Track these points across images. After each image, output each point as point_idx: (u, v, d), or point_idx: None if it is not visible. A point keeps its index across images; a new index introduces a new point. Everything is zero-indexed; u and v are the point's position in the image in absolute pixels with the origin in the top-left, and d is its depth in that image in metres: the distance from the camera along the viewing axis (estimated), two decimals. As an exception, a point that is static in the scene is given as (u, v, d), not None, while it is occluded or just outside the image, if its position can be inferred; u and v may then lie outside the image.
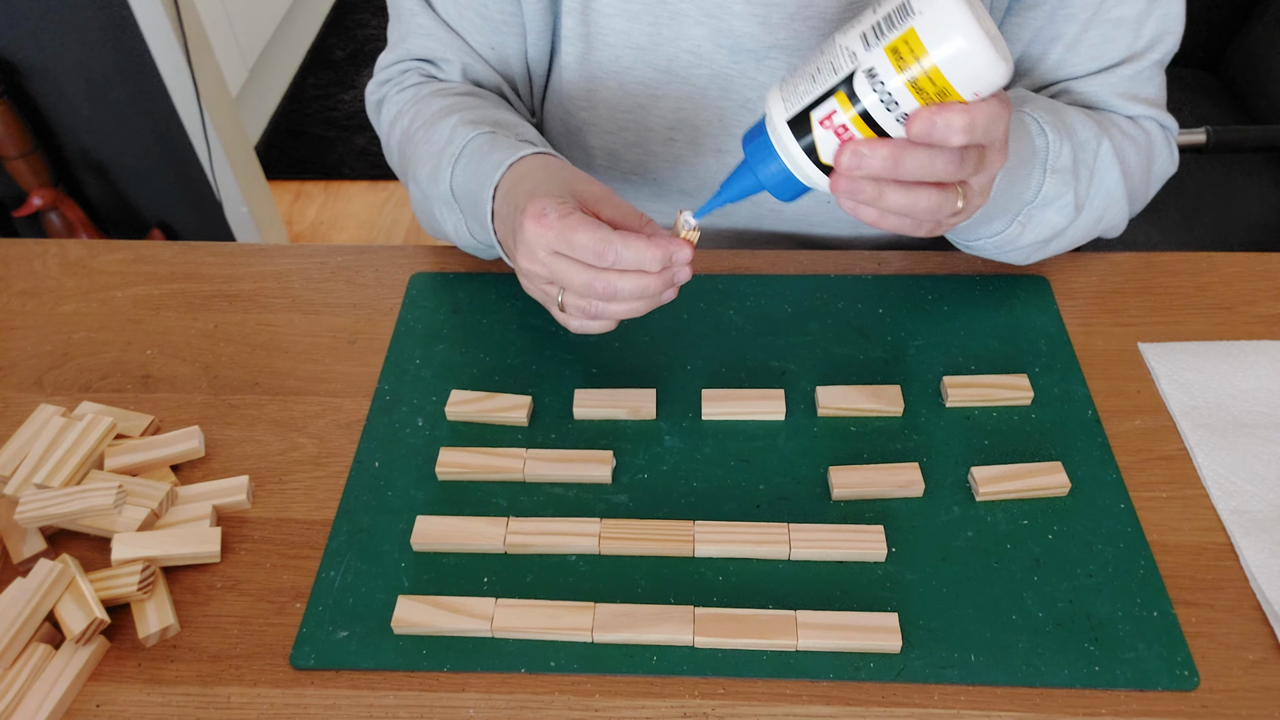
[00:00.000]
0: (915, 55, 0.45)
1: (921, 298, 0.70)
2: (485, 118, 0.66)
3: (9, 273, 0.76)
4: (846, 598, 0.53)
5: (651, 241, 0.53)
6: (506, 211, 0.58)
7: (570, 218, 0.53)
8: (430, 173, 0.65)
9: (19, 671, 0.50)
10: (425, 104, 0.70)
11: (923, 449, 0.60)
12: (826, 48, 0.48)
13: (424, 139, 0.67)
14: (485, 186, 0.60)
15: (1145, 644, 0.51)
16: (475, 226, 0.64)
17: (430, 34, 0.72)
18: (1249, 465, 0.58)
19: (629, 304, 0.54)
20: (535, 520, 0.56)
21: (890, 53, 0.46)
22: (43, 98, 1.63)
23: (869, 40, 0.46)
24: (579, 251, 0.52)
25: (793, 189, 0.52)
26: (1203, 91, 1.46)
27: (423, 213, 0.70)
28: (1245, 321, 0.68)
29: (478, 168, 0.61)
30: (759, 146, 0.51)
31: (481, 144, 0.62)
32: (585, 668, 0.51)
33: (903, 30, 0.45)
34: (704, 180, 0.77)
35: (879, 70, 0.46)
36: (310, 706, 0.50)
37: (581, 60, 0.72)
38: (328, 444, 0.62)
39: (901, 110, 0.47)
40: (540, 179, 0.57)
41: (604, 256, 0.52)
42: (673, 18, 0.69)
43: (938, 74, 0.45)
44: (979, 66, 0.45)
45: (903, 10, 0.45)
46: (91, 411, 0.63)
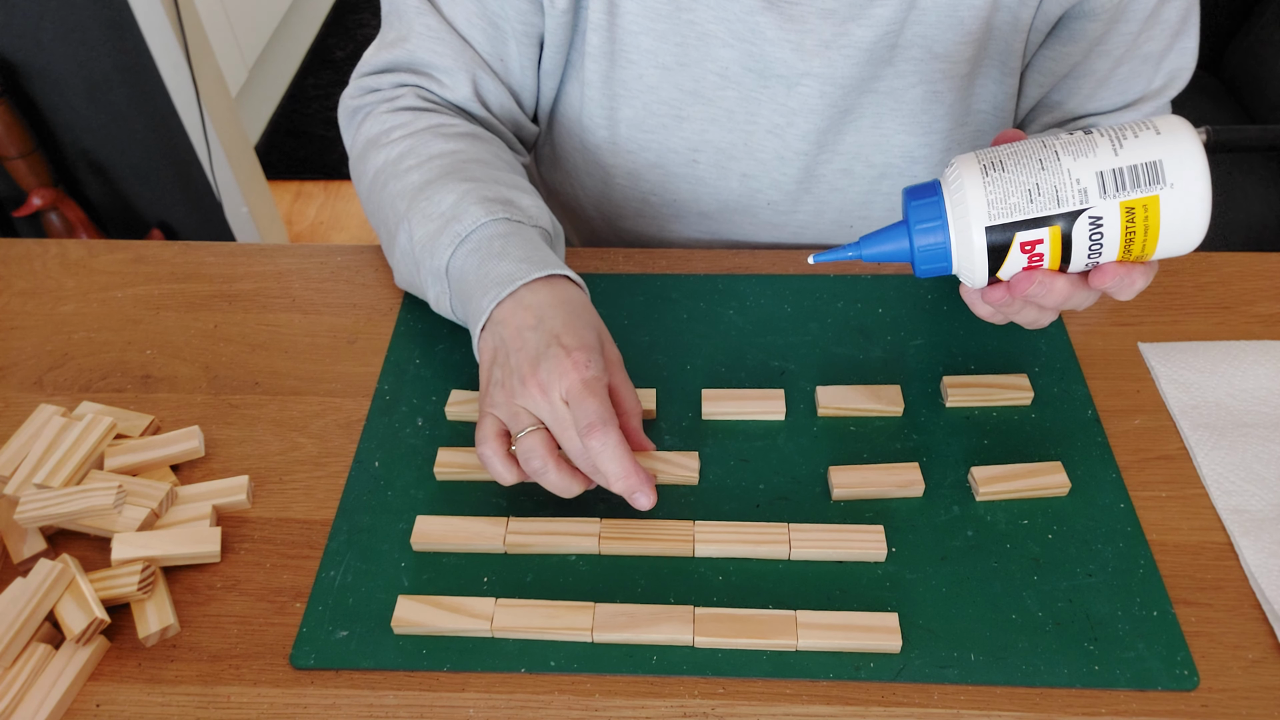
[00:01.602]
0: (1148, 224, 0.45)
1: (921, 298, 0.70)
2: (498, 195, 0.61)
3: (9, 273, 0.76)
4: (846, 598, 0.53)
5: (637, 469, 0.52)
6: (531, 323, 0.55)
7: (602, 391, 0.53)
8: (426, 239, 0.61)
9: (19, 671, 0.50)
10: (421, 141, 0.66)
11: (923, 449, 0.60)
12: (1050, 163, 0.46)
13: (421, 191, 0.63)
14: (488, 294, 0.57)
15: (1145, 643, 0.51)
16: (458, 306, 0.61)
17: (437, 38, 0.68)
18: (1249, 465, 0.58)
19: (568, 483, 0.54)
20: (535, 520, 0.56)
21: (1124, 209, 0.45)
22: (43, 98, 1.63)
23: (1106, 187, 0.45)
24: (583, 418, 0.52)
25: (939, 271, 0.50)
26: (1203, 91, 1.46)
27: (403, 265, 0.65)
28: (1245, 321, 0.68)
29: (482, 266, 0.58)
30: (933, 225, 0.48)
31: (492, 236, 0.59)
32: (585, 668, 0.51)
33: (1147, 194, 0.44)
34: (725, 202, 0.76)
35: (1106, 222, 0.45)
36: (310, 706, 0.50)
37: (605, 78, 0.71)
38: (328, 444, 0.62)
39: (1100, 256, 0.47)
40: (583, 319, 0.56)
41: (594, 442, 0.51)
42: (700, 39, 0.68)
43: (1155, 240, 0.45)
44: (1191, 241, 0.46)
45: (1153, 172, 0.44)
46: (91, 411, 0.63)
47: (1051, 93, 0.72)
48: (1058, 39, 0.69)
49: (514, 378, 0.54)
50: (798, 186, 0.74)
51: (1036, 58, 0.71)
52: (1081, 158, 0.46)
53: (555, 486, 0.54)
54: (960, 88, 0.69)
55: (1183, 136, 0.45)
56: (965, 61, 0.68)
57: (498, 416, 0.55)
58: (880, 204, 0.74)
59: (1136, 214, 0.45)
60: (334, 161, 2.22)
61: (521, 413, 0.54)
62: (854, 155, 0.72)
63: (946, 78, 0.68)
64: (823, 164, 0.73)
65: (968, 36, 0.67)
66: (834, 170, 0.73)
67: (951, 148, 0.72)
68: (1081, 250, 0.47)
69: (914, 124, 0.70)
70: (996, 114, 0.72)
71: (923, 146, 0.71)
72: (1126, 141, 0.45)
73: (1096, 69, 0.69)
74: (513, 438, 0.54)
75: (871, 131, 0.71)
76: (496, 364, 0.56)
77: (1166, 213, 0.45)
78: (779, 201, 0.75)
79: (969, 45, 0.67)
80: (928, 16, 0.66)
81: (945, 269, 0.50)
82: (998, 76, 0.70)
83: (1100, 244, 0.46)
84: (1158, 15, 0.67)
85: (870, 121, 0.71)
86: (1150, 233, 0.45)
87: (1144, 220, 0.45)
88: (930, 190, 0.49)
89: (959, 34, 0.66)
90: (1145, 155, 0.45)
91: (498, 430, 0.55)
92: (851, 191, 0.74)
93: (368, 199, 0.69)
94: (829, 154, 0.72)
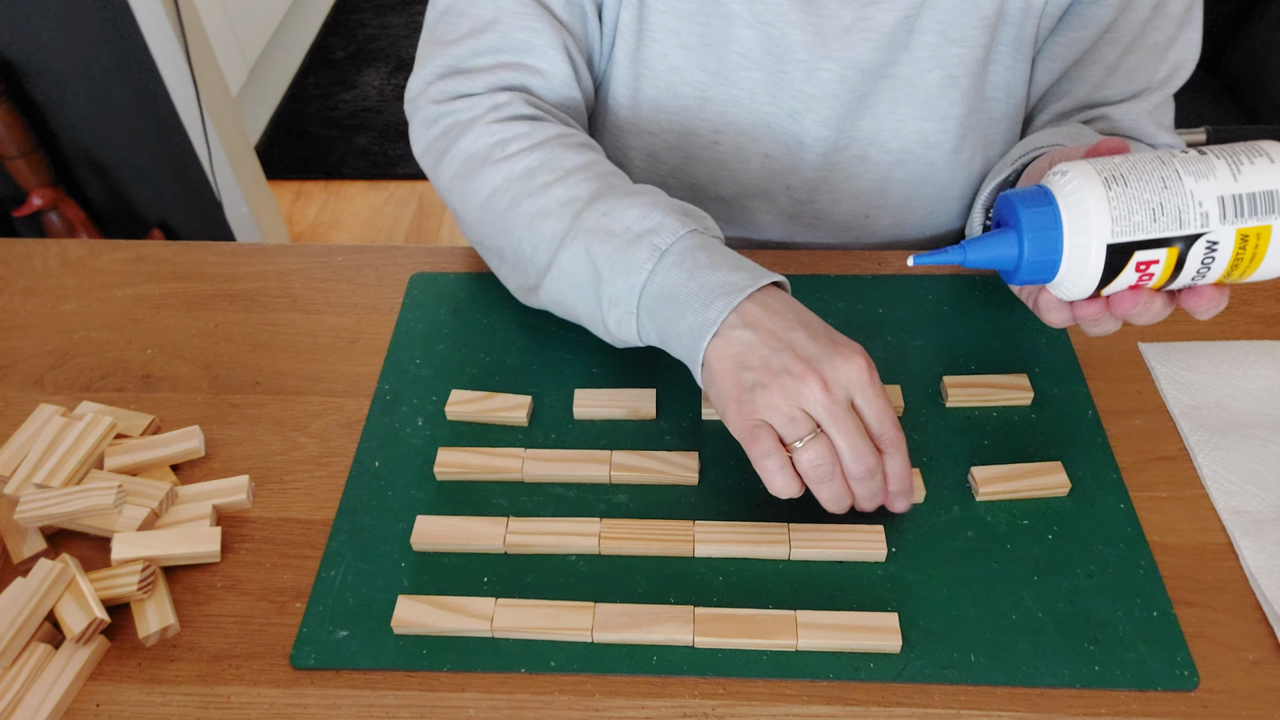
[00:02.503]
0: (1256, 250, 0.45)
1: (921, 298, 0.70)
2: (676, 205, 0.58)
3: (9, 272, 0.76)
4: (846, 598, 0.53)
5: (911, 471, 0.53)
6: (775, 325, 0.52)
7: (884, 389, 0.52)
8: (613, 255, 0.56)
9: (19, 671, 0.50)
10: (554, 155, 0.61)
11: (923, 449, 0.60)
12: (1173, 182, 0.45)
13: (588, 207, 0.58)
14: (713, 307, 0.53)
15: (1145, 644, 0.51)
16: (650, 326, 0.56)
17: (535, 15, 0.65)
18: (1249, 465, 0.58)
19: (845, 496, 0.52)
20: (535, 520, 0.56)
21: (1239, 236, 0.45)
22: (43, 98, 1.63)
23: (1226, 212, 0.45)
24: (877, 422, 0.51)
25: (1040, 280, 0.49)
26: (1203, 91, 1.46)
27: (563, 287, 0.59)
28: (1245, 321, 0.68)
29: (697, 283, 0.54)
30: (1048, 237, 0.46)
31: (695, 249, 0.55)
32: (585, 667, 0.51)
33: (1263, 222, 0.45)
34: (745, 186, 0.76)
35: (1220, 246, 0.45)
36: (310, 706, 0.50)
37: (631, 57, 0.71)
38: (328, 444, 0.62)
39: (1205, 277, 0.47)
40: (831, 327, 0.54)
41: (888, 441, 0.51)
42: (724, 19, 0.68)
43: (1257, 267, 0.46)
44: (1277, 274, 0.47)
45: (1270, 201, 0.45)
46: (91, 411, 0.63)
47: (1061, 80, 0.72)
48: (1069, 25, 0.70)
49: (785, 377, 0.50)
50: (816, 173, 0.74)
51: (1048, 44, 0.71)
52: (1203, 179, 0.45)
53: (830, 498, 0.52)
54: (975, 73, 0.70)
55: None
56: (980, 46, 0.68)
57: (770, 424, 0.51)
58: (896, 191, 0.75)
59: (1249, 241, 0.45)
60: (334, 161, 2.22)
61: (800, 417, 0.50)
62: (870, 141, 0.72)
63: (962, 63, 0.69)
64: (840, 150, 0.73)
65: (982, 21, 0.67)
66: (851, 156, 0.73)
67: (966, 133, 0.72)
68: (1190, 272, 0.46)
69: (929, 109, 0.71)
70: (1010, 100, 0.73)
71: (938, 132, 0.71)
72: (1244, 166, 0.45)
73: (1106, 56, 0.69)
74: (789, 446, 0.51)
75: (888, 117, 0.71)
76: (747, 368, 0.51)
77: (1276, 241, 0.45)
78: (797, 187, 0.75)
79: (983, 30, 0.68)
80: (944, 1, 0.66)
81: (1047, 279, 0.48)
82: (1010, 63, 0.71)
83: (1209, 267, 0.46)
84: (1164, 5, 0.68)
85: (887, 107, 0.71)
86: (1256, 259, 0.46)
87: (1254, 247, 0.45)
88: (1044, 199, 0.47)
89: (974, 19, 0.67)
90: (1264, 183, 0.45)
91: (775, 441, 0.51)
92: (868, 178, 0.74)
93: (482, 217, 0.63)
94: (846, 139, 0.72)
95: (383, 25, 2.61)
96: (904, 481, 0.53)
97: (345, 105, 2.36)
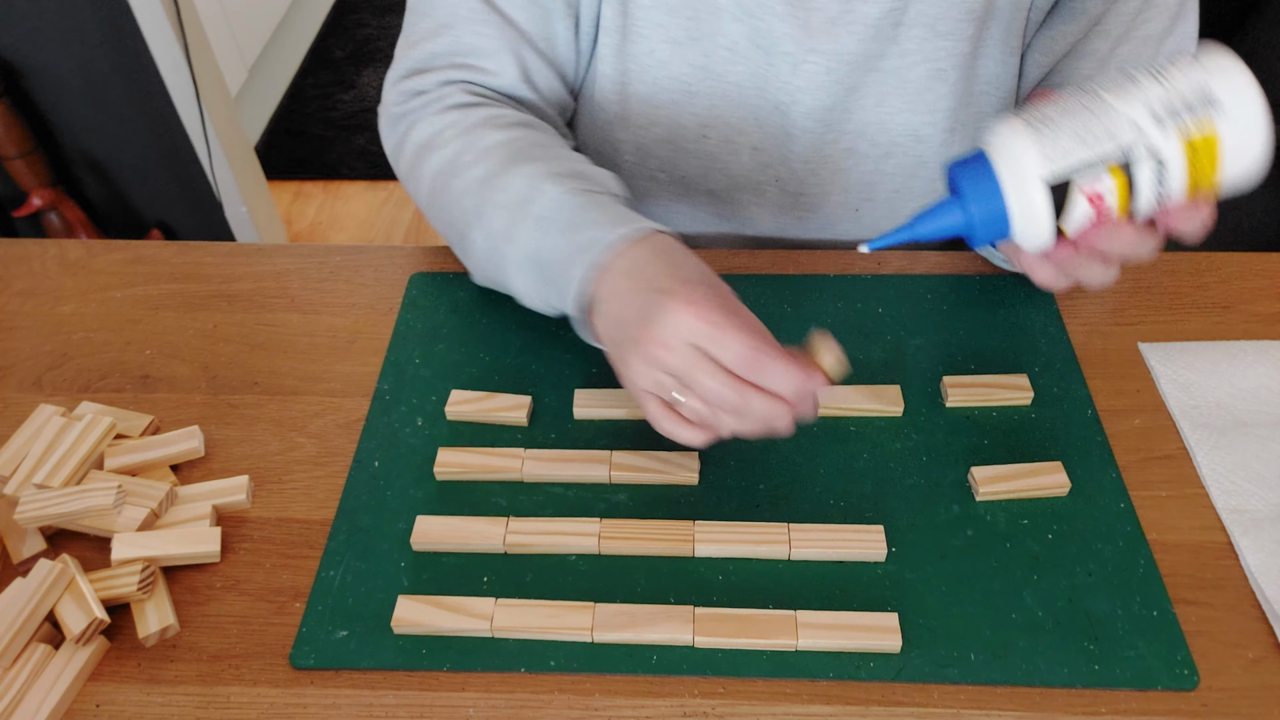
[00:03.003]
0: (1209, 153, 0.44)
1: (921, 298, 0.70)
2: (567, 169, 0.60)
3: (9, 273, 0.76)
4: (846, 597, 0.53)
5: (801, 369, 0.49)
6: (628, 287, 0.53)
7: (728, 316, 0.49)
8: (505, 228, 0.59)
9: (19, 671, 0.50)
10: (476, 135, 0.64)
11: (923, 449, 0.60)
12: (1094, 106, 0.45)
13: (488, 183, 0.61)
14: (577, 262, 0.55)
15: (1145, 643, 0.51)
16: (551, 292, 0.59)
17: (484, 20, 0.66)
18: (1249, 464, 0.58)
19: (748, 424, 0.51)
20: (535, 520, 0.56)
21: (1188, 146, 0.44)
22: (43, 98, 1.63)
23: (1163, 122, 0.44)
24: (726, 354, 0.49)
25: (997, 237, 0.48)
26: (1202, 91, 1.46)
27: (482, 262, 0.64)
28: (1245, 321, 0.68)
29: (568, 238, 0.56)
30: (985, 189, 0.46)
31: (573, 208, 0.57)
32: (585, 667, 0.51)
33: (1205, 125, 0.43)
34: (734, 180, 0.76)
35: (1170, 160, 0.44)
36: (310, 706, 0.50)
37: (617, 52, 0.71)
38: (327, 444, 0.62)
39: (1166, 199, 0.45)
40: (678, 262, 0.53)
41: (751, 369, 0.49)
42: (711, 13, 0.68)
43: (1216, 175, 0.44)
44: (1252, 174, 0.44)
45: (1207, 102, 0.43)
46: (91, 411, 0.63)
47: (1052, 74, 0.72)
48: (1058, 17, 0.70)
49: (632, 348, 0.51)
50: (805, 166, 0.74)
51: (1037, 37, 0.71)
52: (1127, 95, 0.45)
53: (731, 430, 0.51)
54: (964, 66, 0.69)
55: (1225, 58, 0.44)
56: (968, 40, 0.68)
57: (648, 391, 0.52)
58: (885, 184, 0.75)
59: (1196, 144, 0.44)
60: (333, 161, 2.22)
61: (664, 379, 0.51)
62: (859, 134, 0.72)
63: (950, 56, 0.69)
64: (829, 143, 0.73)
65: (970, 14, 0.67)
66: (840, 149, 0.73)
67: (955, 127, 0.72)
68: (1148, 191, 0.45)
69: (918, 102, 0.71)
70: (999, 93, 0.73)
71: (927, 125, 0.71)
72: (1169, 72, 0.44)
73: (1096, 49, 0.69)
74: (673, 404, 0.52)
75: (875, 110, 0.71)
76: (614, 343, 0.53)
77: (1226, 135, 0.43)
78: (786, 180, 0.75)
79: (972, 23, 0.68)
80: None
81: (1004, 233, 0.48)
82: (1000, 56, 0.71)
83: (1165, 181, 0.45)
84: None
85: (874, 100, 0.71)
86: (1212, 161, 0.44)
87: (1205, 148, 0.44)
88: (975, 157, 0.47)
89: (962, 12, 0.67)
90: (1192, 81, 0.43)
91: (660, 404, 0.52)
92: (856, 171, 0.74)
93: (429, 205, 0.67)
94: (835, 132, 0.72)
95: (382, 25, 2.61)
96: (793, 392, 0.50)
97: (344, 106, 2.36)
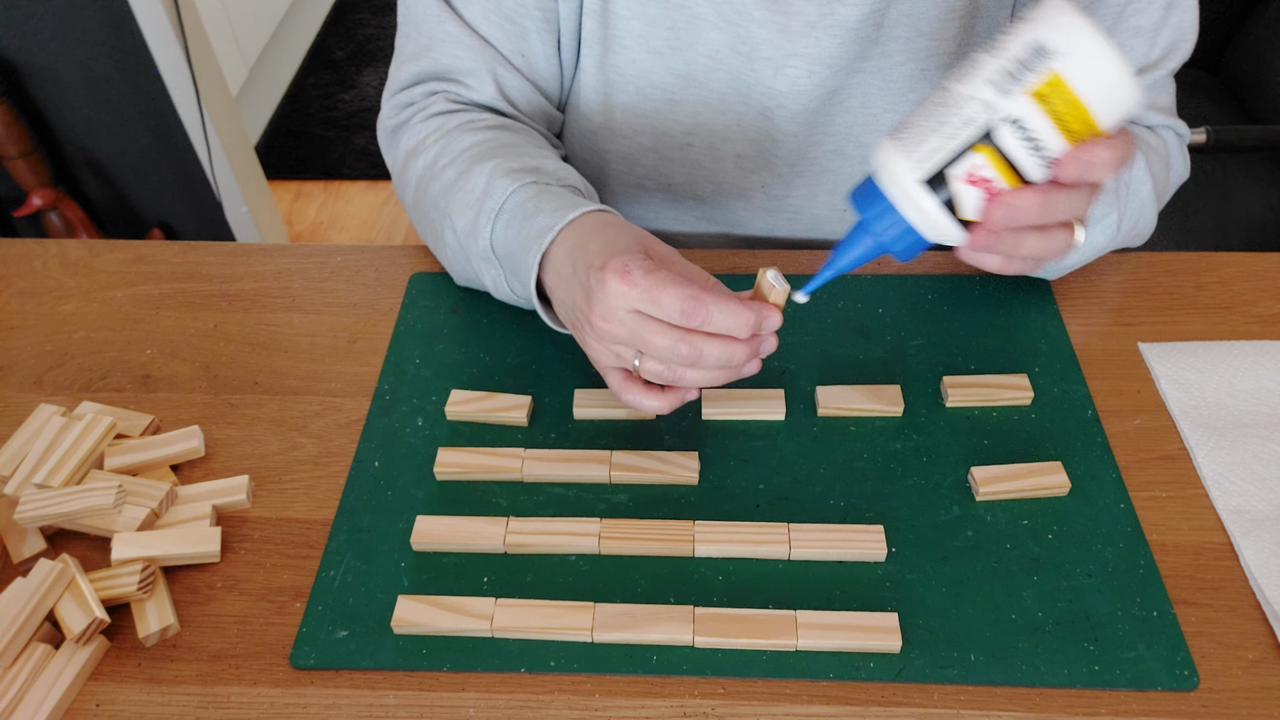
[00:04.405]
0: (1063, 97, 0.44)
1: (921, 298, 0.70)
2: (523, 165, 0.62)
3: (9, 272, 0.76)
4: (846, 598, 0.53)
5: (744, 304, 0.50)
6: (570, 270, 0.55)
7: (656, 274, 0.50)
8: (468, 226, 0.62)
9: (19, 671, 0.50)
10: (453, 139, 0.66)
11: (923, 449, 0.60)
12: (944, 99, 0.46)
13: (455, 184, 0.63)
14: (531, 250, 0.57)
15: (1145, 644, 0.51)
16: (516, 284, 0.61)
17: (460, 42, 0.69)
18: (1249, 465, 0.58)
19: (710, 372, 0.52)
20: (535, 520, 0.56)
21: (1037, 98, 0.44)
22: (43, 98, 1.63)
23: (1005, 87, 0.44)
24: (665, 310, 0.50)
25: (918, 247, 0.49)
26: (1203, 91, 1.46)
27: (455, 261, 0.66)
28: (1245, 321, 0.68)
29: (521, 229, 0.58)
30: (880, 210, 0.48)
31: (524, 200, 0.59)
32: (585, 667, 0.51)
33: (1045, 74, 0.44)
34: (720, 185, 0.76)
35: (1025, 118, 0.44)
36: (310, 706, 0.50)
37: (599, 63, 0.71)
38: (328, 444, 0.62)
39: (1048, 153, 0.45)
40: (611, 236, 0.54)
41: (692, 317, 0.49)
42: (690, 22, 0.68)
43: (1085, 112, 0.44)
44: (1123, 98, 0.44)
45: (1039, 53, 0.44)
46: (91, 411, 0.63)
47: None
48: None
49: (584, 328, 0.54)
50: (790, 169, 0.74)
51: None
52: (969, 77, 0.46)
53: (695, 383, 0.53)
54: (948, 65, 0.69)
55: (1052, 8, 0.44)
56: (952, 39, 0.68)
57: (611, 367, 0.55)
58: None
59: (1049, 95, 0.44)
60: (334, 161, 2.22)
61: (621, 350, 0.53)
62: (844, 136, 0.73)
63: (934, 56, 0.69)
64: (814, 145, 0.73)
65: (953, 14, 0.67)
66: (825, 151, 0.73)
67: None
68: (1024, 155, 0.46)
69: (903, 103, 0.71)
70: None
71: None
72: (1002, 41, 0.45)
73: None
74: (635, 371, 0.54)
75: (860, 111, 0.71)
76: (573, 326, 0.56)
77: (1075, 79, 0.44)
78: (772, 184, 0.75)
79: (955, 22, 0.68)
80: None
81: (921, 241, 0.49)
82: None
83: (1038, 141, 0.45)
84: None
85: (859, 101, 0.71)
86: (1074, 103, 0.44)
87: (1059, 97, 0.44)
88: (866, 185, 0.49)
89: (944, 11, 0.67)
90: (1021, 41, 0.44)
91: (622, 375, 0.55)
92: (843, 173, 0.74)
93: (414, 209, 0.69)
94: (820, 135, 0.72)
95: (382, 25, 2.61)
96: (741, 327, 0.50)
97: (345, 105, 2.36)
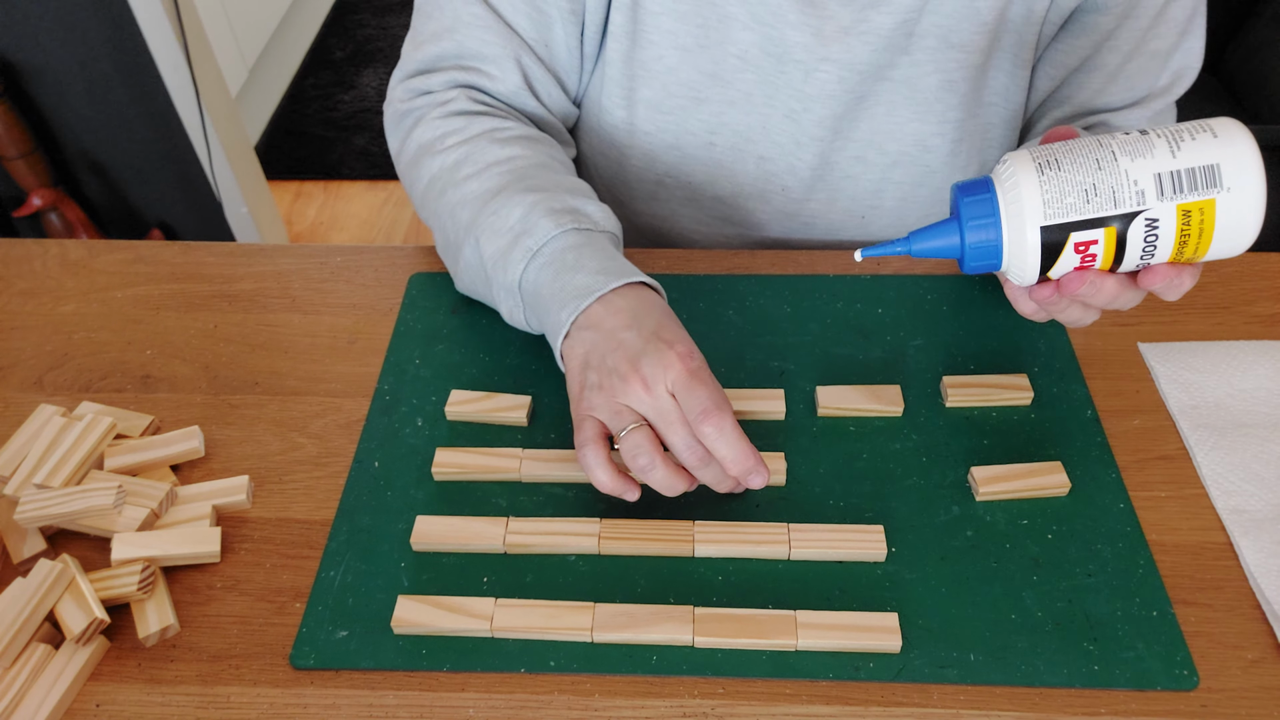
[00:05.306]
0: (1203, 227, 0.45)
1: (921, 298, 0.70)
2: (565, 206, 0.61)
3: (9, 273, 0.76)
4: (846, 598, 0.53)
5: (752, 449, 0.52)
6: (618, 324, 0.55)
7: (711, 379, 0.53)
8: (497, 255, 0.61)
9: (19, 671, 0.50)
10: (478, 148, 0.65)
11: (923, 449, 0.60)
12: (1107, 164, 0.46)
13: (485, 203, 0.62)
14: (567, 307, 0.56)
15: (1145, 643, 0.51)
16: (534, 320, 0.62)
17: (486, 26, 0.67)
18: (1249, 465, 0.58)
19: (674, 482, 0.53)
20: (535, 520, 0.56)
21: (1182, 211, 0.45)
22: (43, 98, 1.63)
23: (1164, 189, 0.45)
24: (696, 405, 0.51)
25: (987, 269, 0.49)
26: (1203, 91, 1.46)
27: (469, 277, 0.65)
28: (1245, 321, 0.68)
29: (557, 279, 0.58)
30: (984, 222, 0.48)
31: (564, 248, 0.59)
32: (585, 667, 0.51)
33: (1204, 197, 0.44)
34: (740, 186, 0.76)
35: (1162, 224, 0.45)
36: (310, 706, 0.50)
37: (626, 58, 0.71)
38: (328, 444, 0.62)
39: (1153, 257, 0.46)
40: (669, 320, 0.56)
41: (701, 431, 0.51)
42: (721, 21, 0.68)
43: (1209, 242, 0.45)
44: (1243, 244, 0.46)
45: (1210, 175, 0.44)
46: (91, 411, 0.63)
47: (1061, 87, 0.73)
48: (1070, 32, 0.70)
49: (613, 377, 0.53)
50: (812, 173, 0.74)
51: (1048, 50, 0.72)
52: (1139, 159, 0.45)
53: (661, 484, 0.53)
54: (974, 78, 0.70)
55: (1239, 140, 0.45)
56: (980, 51, 0.69)
57: (597, 419, 0.54)
58: (891, 193, 0.75)
59: (1193, 217, 0.45)
60: (334, 161, 2.22)
61: (624, 411, 0.53)
62: (867, 142, 0.73)
63: (961, 67, 0.69)
64: (837, 150, 0.73)
65: (983, 27, 0.67)
66: (847, 157, 0.73)
67: (962, 137, 0.72)
68: (1135, 252, 0.46)
69: (927, 112, 0.71)
70: (1008, 105, 0.73)
71: (935, 135, 0.72)
72: (1184, 144, 0.45)
73: (1106, 63, 0.69)
74: (615, 437, 0.53)
75: (885, 119, 0.71)
76: (590, 368, 0.55)
77: (1222, 216, 0.45)
78: (793, 188, 0.75)
79: (984, 35, 0.68)
80: (945, 6, 0.67)
81: (994, 266, 0.49)
82: (1010, 68, 0.71)
83: (1154, 245, 0.46)
84: (1165, 13, 0.68)
85: (885, 109, 0.71)
86: (1204, 235, 0.45)
87: (1199, 223, 0.45)
88: (983, 187, 0.48)
89: (975, 24, 0.67)
90: (1203, 158, 0.44)
91: (598, 433, 0.54)
92: (864, 179, 0.74)
93: (422, 204, 0.69)
94: (843, 140, 0.73)
95: (382, 26, 2.61)
96: (740, 464, 0.52)
97: (344, 106, 2.36)
